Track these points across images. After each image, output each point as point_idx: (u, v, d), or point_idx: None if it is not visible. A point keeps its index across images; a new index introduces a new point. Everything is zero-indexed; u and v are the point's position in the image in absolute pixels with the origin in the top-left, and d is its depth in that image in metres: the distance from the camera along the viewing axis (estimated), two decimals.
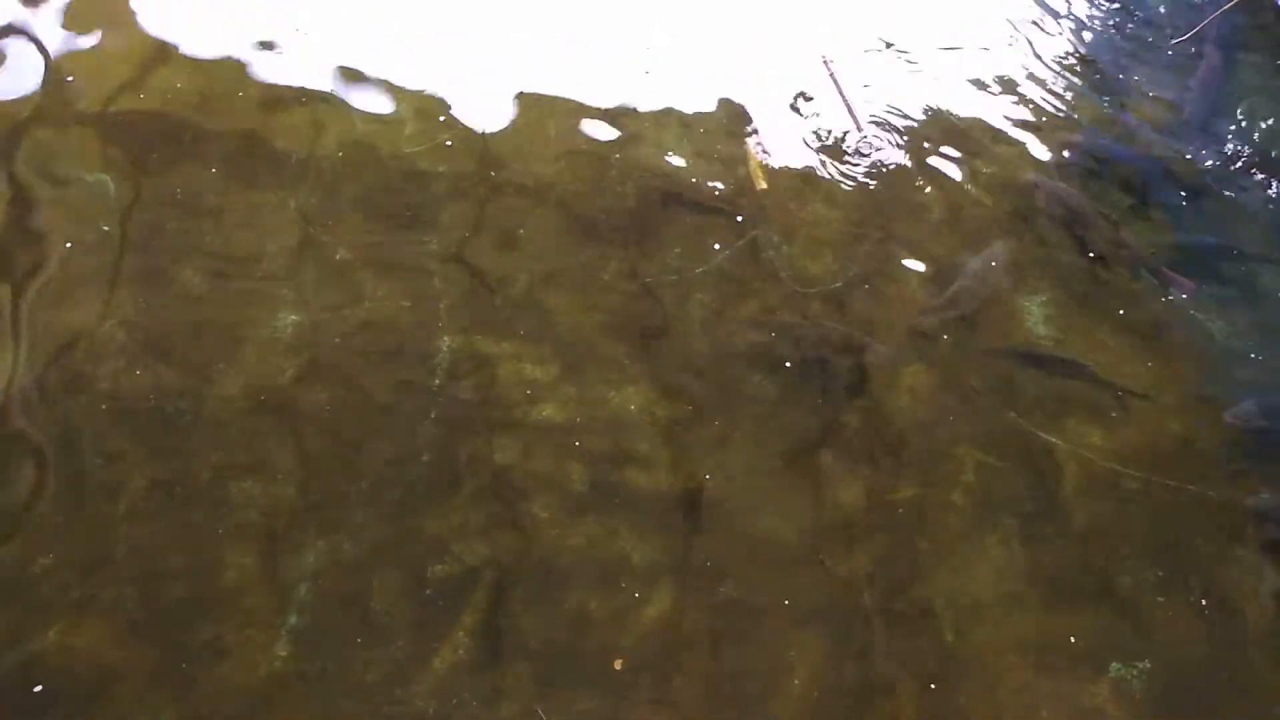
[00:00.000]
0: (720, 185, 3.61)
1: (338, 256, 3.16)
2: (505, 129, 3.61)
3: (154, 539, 2.62)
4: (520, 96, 3.73)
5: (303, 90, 3.56)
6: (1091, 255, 3.66)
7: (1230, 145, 4.18)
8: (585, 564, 2.77)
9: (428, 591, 2.65)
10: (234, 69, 3.56)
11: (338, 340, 2.99)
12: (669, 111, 3.81)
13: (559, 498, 2.85)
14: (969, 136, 3.98)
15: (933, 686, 2.71)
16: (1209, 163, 4.11)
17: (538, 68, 3.83)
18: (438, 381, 2.97)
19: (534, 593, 2.69)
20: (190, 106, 3.43)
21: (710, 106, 3.88)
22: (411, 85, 3.66)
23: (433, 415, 2.91)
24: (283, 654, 2.53)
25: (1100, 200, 3.87)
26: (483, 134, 3.56)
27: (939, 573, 2.89)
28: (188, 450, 2.76)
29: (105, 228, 3.09)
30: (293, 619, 2.57)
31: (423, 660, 2.56)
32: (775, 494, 2.96)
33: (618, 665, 2.65)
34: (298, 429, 2.83)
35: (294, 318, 3.01)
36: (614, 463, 2.95)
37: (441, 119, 3.56)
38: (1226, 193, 4.02)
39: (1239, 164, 4.11)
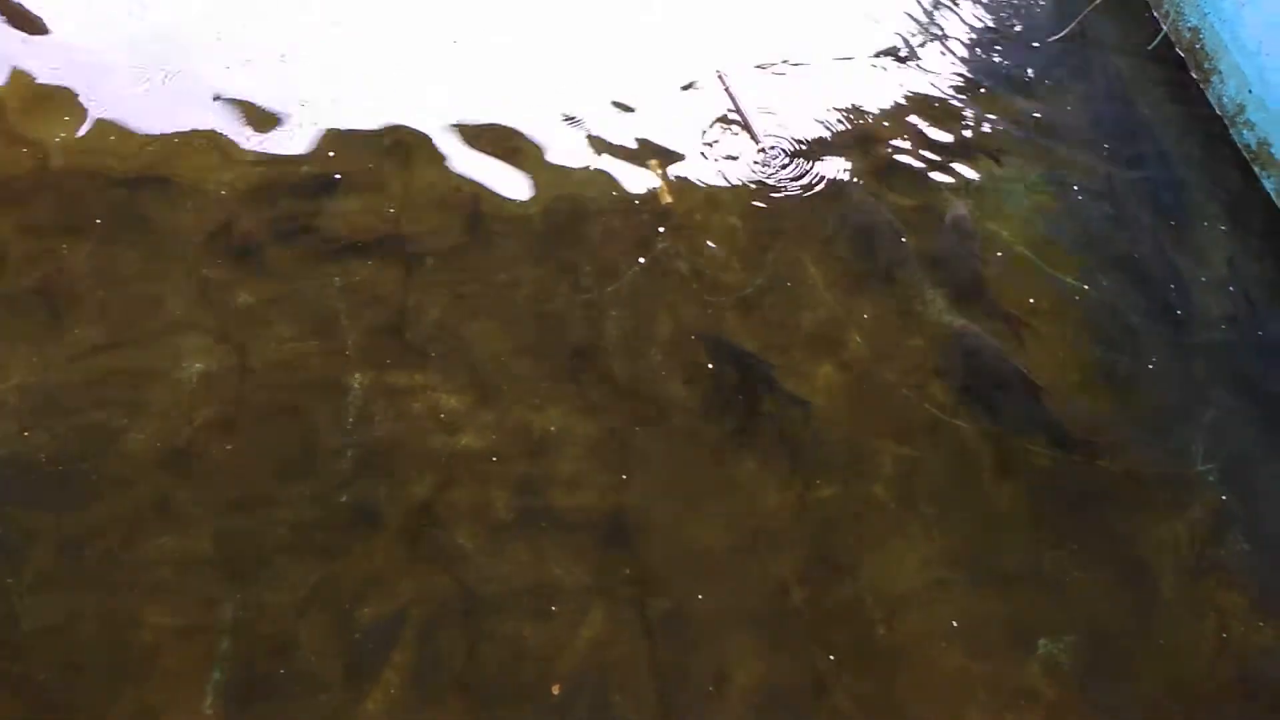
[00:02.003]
0: (627, 203, 3.64)
1: (240, 300, 3.10)
2: (404, 155, 3.59)
3: (64, 606, 2.53)
4: (415, 121, 3.71)
5: (194, 130, 3.50)
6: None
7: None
8: (515, 592, 2.74)
9: (355, 635, 2.60)
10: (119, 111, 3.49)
11: (246, 385, 2.93)
12: (570, 131, 3.83)
13: (484, 527, 2.83)
14: (865, 144, 4.07)
15: (869, 679, 2.75)
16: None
17: (433, 87, 3.82)
18: (351, 420, 2.93)
19: (464, 625, 2.66)
20: (75, 152, 3.34)
21: (612, 125, 3.91)
22: (303, 112, 3.61)
23: (349, 454, 2.87)
24: (209, 712, 2.46)
25: None
26: (370, 167, 3.53)
27: (866, 566, 2.93)
28: (94, 511, 2.67)
29: None
30: (217, 674, 2.50)
31: (355, 704, 2.51)
32: (701, 504, 2.98)
33: (556, 690, 2.63)
34: (209, 479, 2.76)
35: (199, 365, 2.94)
36: (538, 487, 2.93)
37: (332, 154, 3.52)
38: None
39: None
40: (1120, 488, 3.26)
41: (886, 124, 4.15)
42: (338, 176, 3.45)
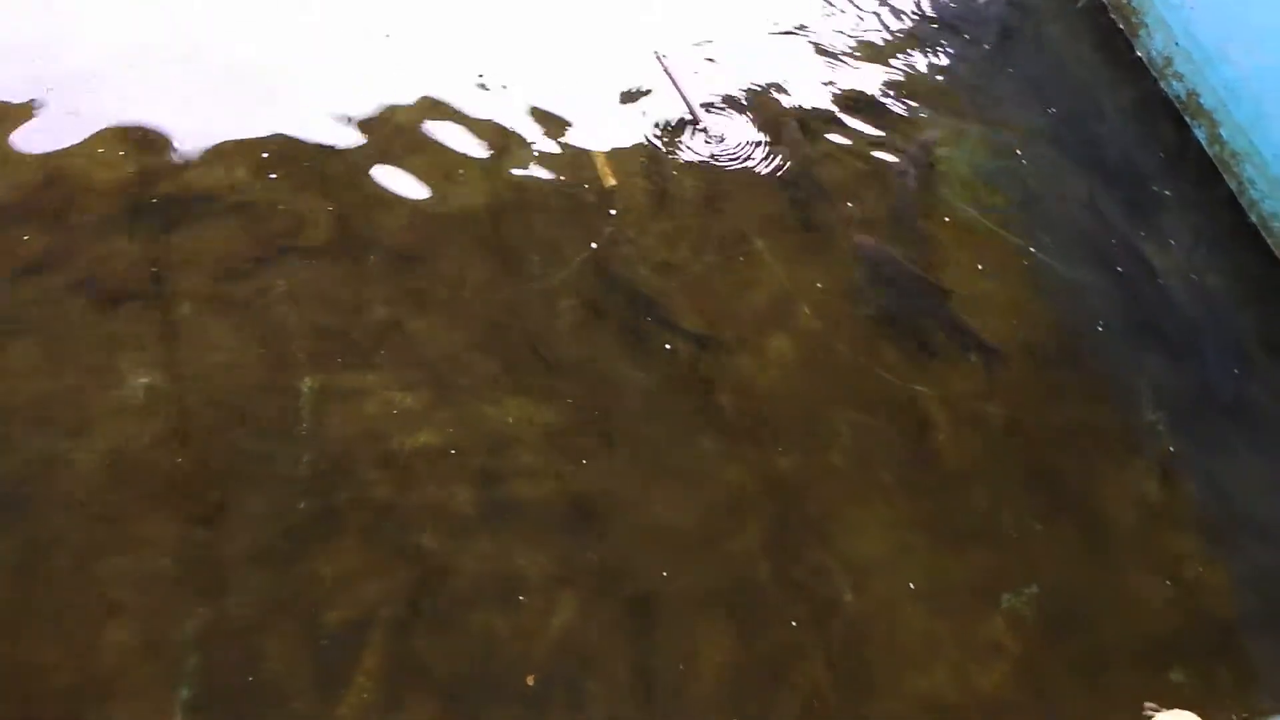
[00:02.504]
0: (572, 188, 3.62)
1: (182, 310, 3.04)
2: (339, 150, 3.53)
3: (20, 633, 2.48)
4: (350, 113, 3.65)
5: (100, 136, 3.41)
6: None
7: None
8: (482, 586, 2.73)
9: (323, 641, 2.57)
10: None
11: (193, 397, 2.88)
12: (509, 117, 3.79)
13: (447, 524, 2.81)
14: (805, 115, 4.08)
15: (839, 646, 2.79)
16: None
17: (369, 81, 3.76)
18: (304, 425, 2.89)
19: (433, 624, 2.65)
20: None
21: (550, 109, 3.88)
22: (229, 121, 3.53)
23: (305, 460, 2.83)
24: None
25: None
26: (305, 165, 3.46)
27: (830, 535, 2.96)
28: (45, 535, 2.61)
29: None
30: (185, 692, 2.47)
31: (329, 710, 2.49)
32: (663, 484, 2.99)
33: (530, 681, 2.63)
34: (161, 495, 2.71)
35: (142, 380, 2.88)
36: (499, 479, 2.92)
37: (265, 155, 3.44)
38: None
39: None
40: (1072, 440, 3.32)
41: (824, 94, 4.16)
42: (273, 176, 3.38)
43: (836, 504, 3.04)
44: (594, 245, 3.44)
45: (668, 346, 3.26)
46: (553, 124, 3.82)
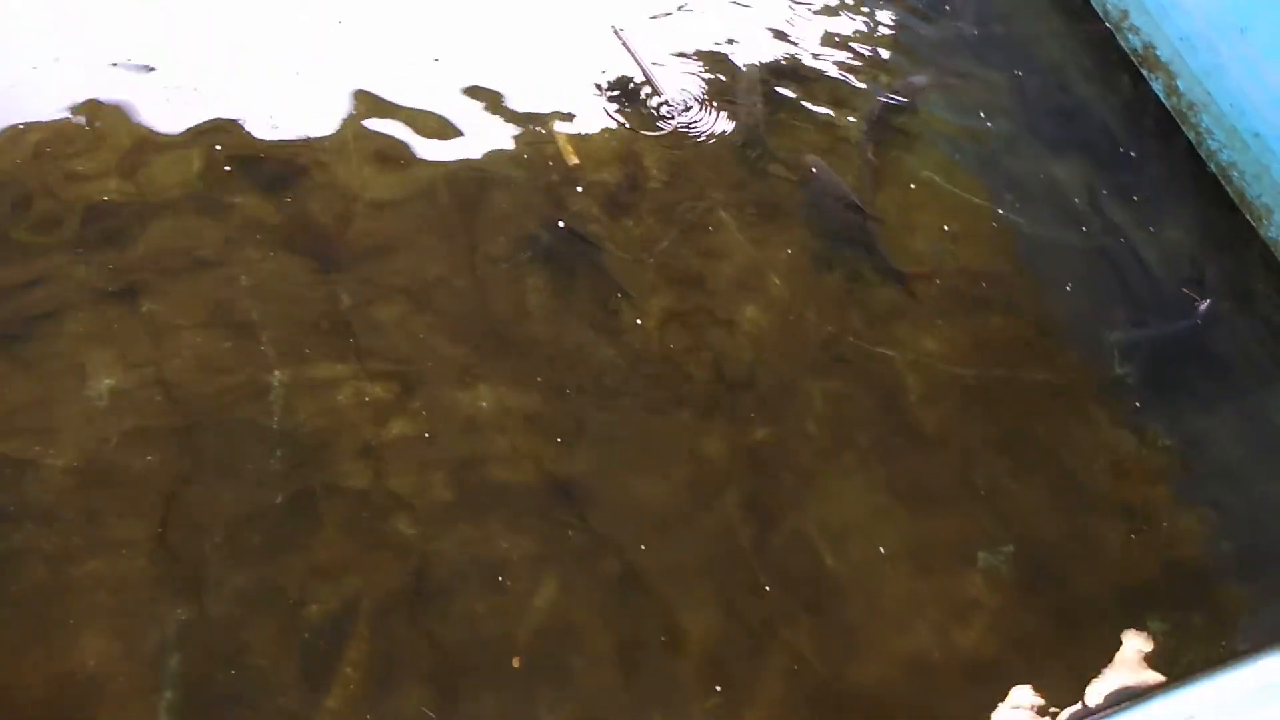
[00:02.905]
0: (534, 167, 3.59)
1: (144, 309, 2.99)
2: (294, 140, 3.48)
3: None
4: (304, 98, 3.59)
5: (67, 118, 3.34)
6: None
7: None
8: (464, 572, 2.73)
9: (306, 635, 2.56)
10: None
11: (160, 396, 2.84)
12: (467, 98, 3.74)
13: (425, 511, 2.81)
14: (767, 83, 4.06)
15: (820, 610, 2.81)
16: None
17: (321, 66, 3.70)
18: (276, 418, 2.86)
19: (416, 611, 2.65)
20: None
21: (509, 90, 3.83)
22: (182, 102, 3.46)
23: (278, 454, 2.81)
24: None
25: None
26: (261, 156, 3.41)
27: (807, 502, 2.98)
28: (17, 544, 2.58)
29: None
30: (169, 694, 2.45)
31: (315, 704, 2.49)
32: (640, 460, 2.99)
33: (516, 663, 2.64)
34: (135, 497, 2.68)
35: (109, 381, 2.84)
36: (475, 465, 2.91)
37: (219, 147, 3.38)
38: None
39: None
40: (1042, 398, 3.36)
41: (786, 62, 4.14)
42: (228, 169, 3.33)
43: (812, 471, 3.06)
44: (560, 224, 3.42)
45: (638, 322, 3.25)
46: (512, 104, 3.78)
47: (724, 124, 3.85)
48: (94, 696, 2.42)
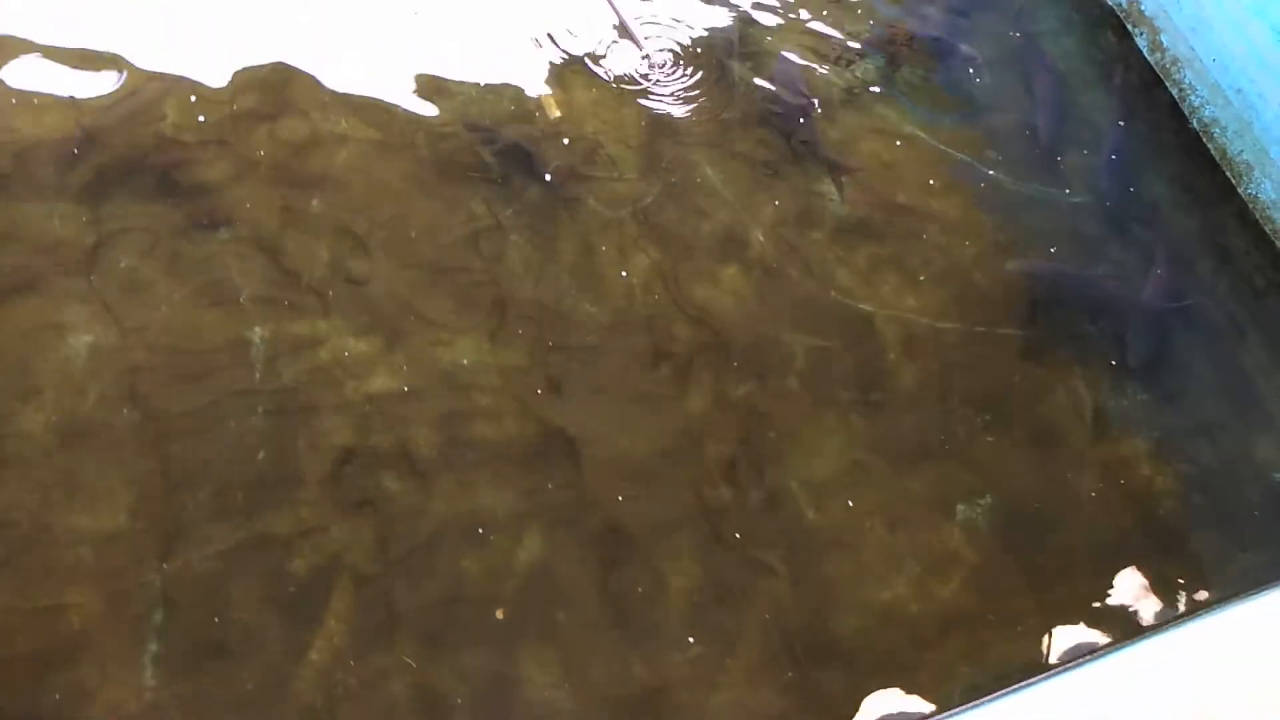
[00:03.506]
0: (515, 122, 3.55)
1: (123, 264, 2.96)
2: (273, 90, 3.42)
3: None
4: (278, 60, 3.53)
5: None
6: None
7: None
8: (448, 527, 2.75)
9: (290, 589, 2.58)
10: None
11: (141, 353, 2.82)
12: (447, 52, 3.69)
13: (409, 467, 2.81)
14: (753, 43, 4.02)
15: (801, 564, 2.85)
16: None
17: (301, 22, 3.64)
18: (258, 375, 2.85)
19: (400, 566, 2.66)
20: None
21: (491, 43, 3.78)
22: (144, 58, 3.38)
23: (260, 410, 2.80)
24: (152, 683, 2.43)
25: None
26: (234, 109, 3.35)
27: (789, 457, 3.01)
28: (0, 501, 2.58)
29: None
30: (153, 647, 2.47)
31: (299, 657, 2.51)
32: (622, 416, 3.00)
33: (500, 615, 2.66)
34: (116, 453, 2.67)
35: (87, 338, 2.82)
36: (459, 420, 2.92)
37: (193, 98, 3.32)
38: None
39: None
40: (1022, 354, 3.38)
41: (770, 22, 4.10)
42: (201, 119, 3.27)
43: (794, 427, 3.08)
44: (541, 178, 3.40)
45: (623, 275, 3.25)
46: (494, 58, 3.73)
47: (708, 78, 3.82)
48: (78, 651, 2.43)
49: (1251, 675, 2.58)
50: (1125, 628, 2.94)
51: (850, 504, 2.98)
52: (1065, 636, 2.91)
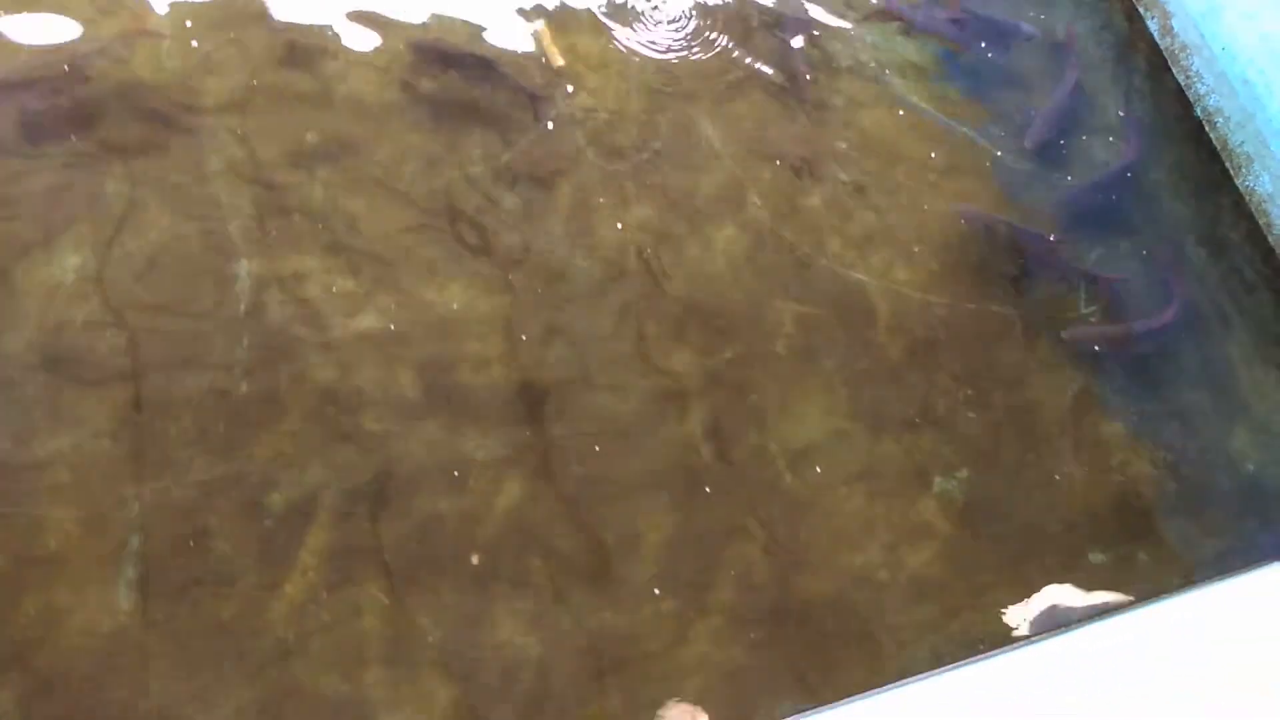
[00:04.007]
0: (515, 66, 3.51)
1: (109, 188, 2.93)
2: (271, 24, 3.36)
3: None
4: None
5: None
6: None
7: None
8: (428, 470, 2.76)
9: (267, 522, 2.59)
10: None
11: (127, 278, 2.80)
12: None
13: (392, 408, 2.82)
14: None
15: (776, 525, 2.88)
16: None
17: None
18: (243, 307, 2.84)
19: (379, 506, 2.68)
20: None
21: None
22: None
23: (245, 342, 2.79)
24: (126, 607, 2.45)
25: None
26: (237, 36, 3.30)
27: (770, 421, 3.03)
28: None
29: None
30: (130, 571, 2.48)
31: (274, 589, 2.53)
32: (608, 371, 3.01)
33: (475, 560, 2.69)
34: (98, 377, 2.67)
35: (73, 259, 2.79)
36: (444, 364, 2.92)
37: (189, 24, 3.27)
38: None
39: None
40: (1008, 331, 3.40)
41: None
42: (195, 44, 3.22)
43: (778, 391, 3.09)
44: (540, 127, 3.37)
45: (618, 229, 3.23)
46: (497, 2, 3.68)
47: (712, 31, 3.77)
48: (54, 572, 2.44)
49: (1208, 657, 2.63)
50: (1089, 607, 2.99)
51: (829, 470, 3.00)
52: (1030, 611, 2.95)
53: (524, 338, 3.01)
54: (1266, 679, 2.55)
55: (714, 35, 3.77)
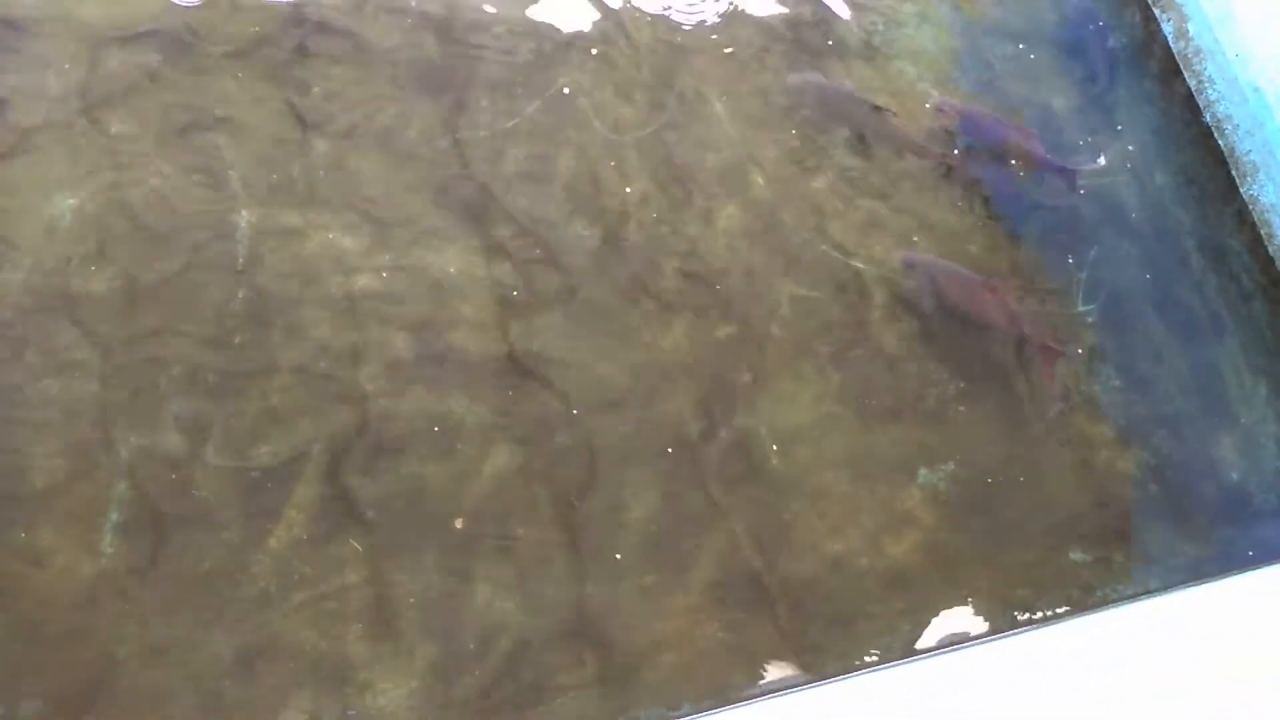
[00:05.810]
0: (529, 30, 3.48)
1: (113, 130, 2.91)
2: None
3: None
4: None
5: None
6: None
7: None
8: (418, 431, 2.76)
9: (254, 474, 2.60)
10: None
11: (125, 222, 2.79)
12: None
13: (384, 368, 2.82)
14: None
15: (760, 506, 2.89)
16: None
17: None
18: (241, 260, 2.83)
19: (366, 464, 2.68)
20: None
21: None
22: None
23: (240, 295, 2.79)
24: (109, 551, 2.46)
25: None
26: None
27: (761, 403, 3.03)
28: None
29: None
30: (114, 516, 2.49)
31: (258, 542, 2.54)
32: (602, 344, 3.01)
33: (459, 524, 2.70)
34: (93, 321, 2.66)
35: (71, 201, 2.78)
36: (439, 328, 2.91)
37: None
38: None
39: None
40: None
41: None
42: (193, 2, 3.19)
43: (770, 374, 3.09)
44: (546, 95, 3.34)
45: (620, 201, 3.22)
46: None
47: (725, 10, 3.74)
48: (40, 512, 2.45)
49: (1180, 659, 2.67)
50: (1065, 604, 3.01)
51: (816, 454, 3.01)
52: (1004, 608, 2.97)
53: (518, 304, 3.00)
54: (1247, 674, 2.59)
55: (727, 8, 3.74)
